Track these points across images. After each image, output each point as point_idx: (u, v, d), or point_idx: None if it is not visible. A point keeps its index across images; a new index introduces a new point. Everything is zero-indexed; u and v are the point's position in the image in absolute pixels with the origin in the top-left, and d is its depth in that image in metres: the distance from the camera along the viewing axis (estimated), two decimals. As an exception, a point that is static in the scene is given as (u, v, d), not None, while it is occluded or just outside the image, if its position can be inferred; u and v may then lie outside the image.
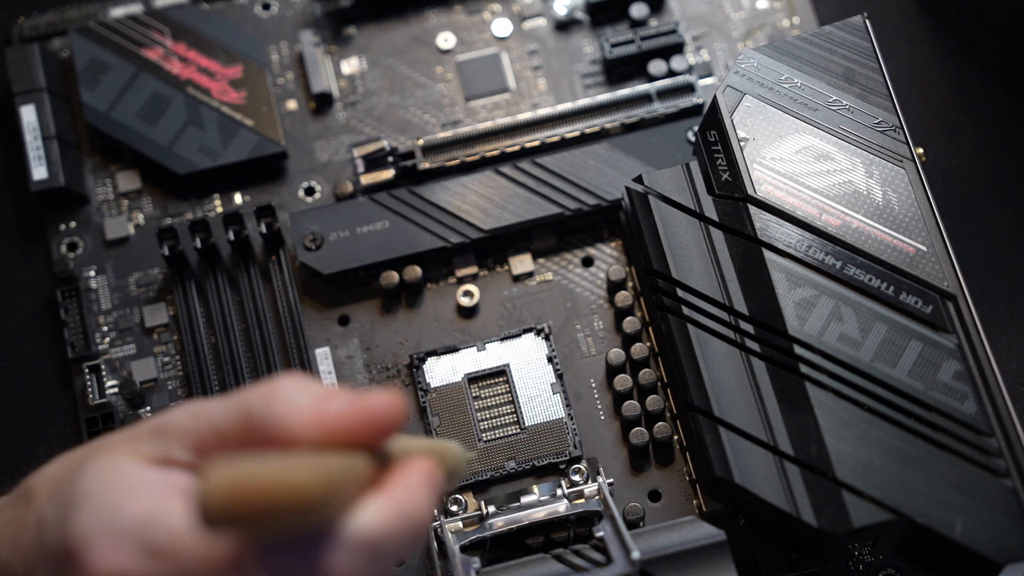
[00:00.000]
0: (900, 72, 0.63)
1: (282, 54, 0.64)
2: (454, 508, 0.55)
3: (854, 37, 0.56)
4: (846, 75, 0.55)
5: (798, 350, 0.52)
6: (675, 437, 0.56)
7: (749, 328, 0.53)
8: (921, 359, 0.51)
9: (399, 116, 0.63)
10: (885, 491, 0.49)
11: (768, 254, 0.53)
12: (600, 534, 0.50)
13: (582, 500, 0.54)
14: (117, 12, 0.65)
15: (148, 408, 0.58)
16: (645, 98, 0.61)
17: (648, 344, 0.58)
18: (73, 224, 0.62)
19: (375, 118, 0.63)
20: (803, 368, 0.51)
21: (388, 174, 0.60)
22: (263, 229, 0.59)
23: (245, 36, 0.64)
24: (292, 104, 0.63)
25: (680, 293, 0.54)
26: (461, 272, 0.60)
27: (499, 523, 0.54)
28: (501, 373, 0.58)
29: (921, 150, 0.56)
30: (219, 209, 0.62)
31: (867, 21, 0.56)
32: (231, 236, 0.59)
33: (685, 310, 0.53)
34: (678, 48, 0.63)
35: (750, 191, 0.54)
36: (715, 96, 0.55)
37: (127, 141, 0.62)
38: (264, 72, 0.63)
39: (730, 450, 0.51)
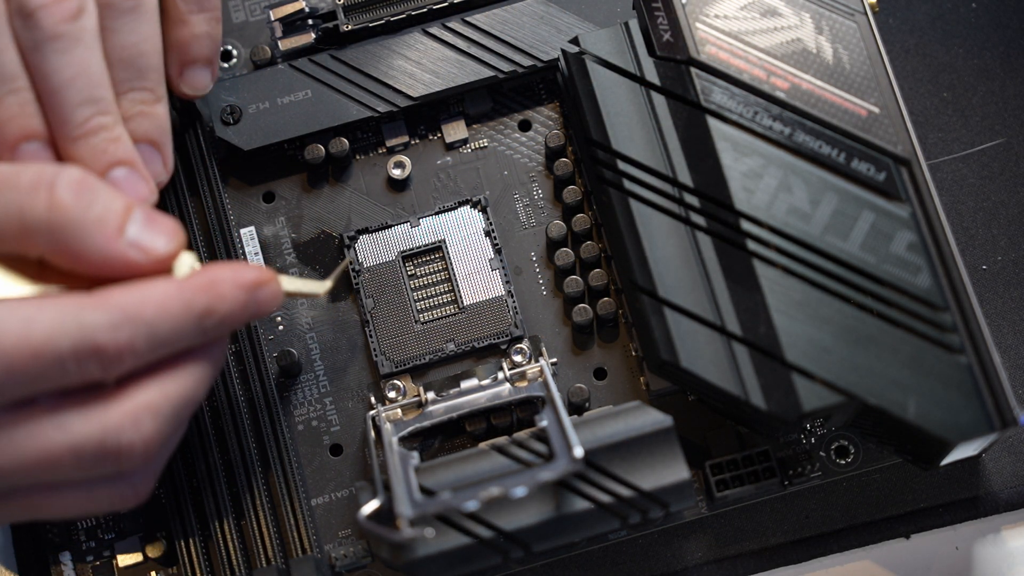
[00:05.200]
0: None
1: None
2: (392, 394, 0.53)
3: None
4: (795, -79, 0.51)
5: (745, 225, 0.49)
6: (620, 311, 0.54)
7: (694, 201, 0.50)
8: (873, 230, 0.49)
9: (318, -29, 0.59)
10: (836, 372, 0.47)
11: (713, 122, 0.50)
12: (543, 424, 0.49)
13: (525, 383, 0.52)
14: None
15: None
16: (581, -54, 0.57)
17: (590, 214, 0.55)
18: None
19: (292, -26, 0.58)
20: (750, 244, 0.49)
21: (308, 38, 0.56)
22: (175, 103, 0.55)
23: None
24: (201, -39, 0.59)
25: (620, 165, 0.51)
26: (391, 142, 0.57)
27: (439, 411, 0.52)
28: (437, 249, 0.55)
29: (874, 0, 0.52)
30: (130, 79, 0.58)
31: None
32: (142, 112, 0.55)
33: (626, 183, 0.51)
34: None
35: (693, 53, 0.51)
36: (654, -51, 0.51)
37: None
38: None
39: (676, 331, 0.49)
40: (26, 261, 0.43)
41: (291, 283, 0.49)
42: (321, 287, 0.50)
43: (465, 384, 0.53)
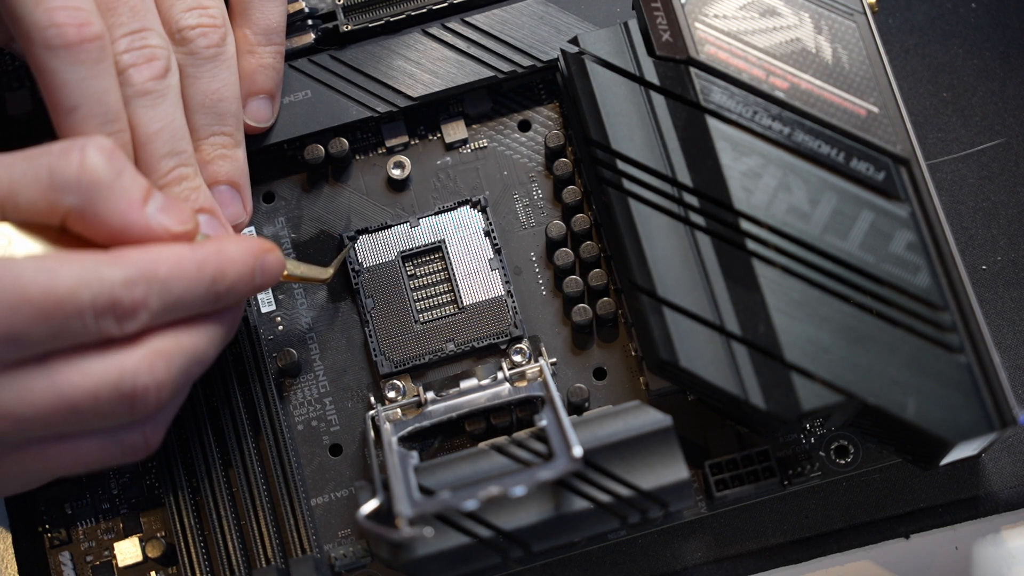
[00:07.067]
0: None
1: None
2: (391, 394, 0.53)
3: None
4: (794, -79, 0.51)
5: (745, 224, 0.49)
6: (619, 311, 0.54)
7: (693, 201, 0.50)
8: (873, 230, 0.49)
9: (317, -28, 0.59)
10: (836, 371, 0.47)
11: (712, 121, 0.50)
12: (543, 423, 0.49)
13: (524, 383, 0.52)
14: None
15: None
16: (580, -54, 0.57)
17: (590, 214, 0.55)
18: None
19: (292, -25, 0.59)
20: (750, 244, 0.49)
21: (308, 39, 0.56)
22: (176, 104, 0.55)
23: None
24: (201, -38, 0.59)
25: (620, 165, 0.51)
26: (391, 142, 0.57)
27: (438, 410, 0.52)
28: (437, 250, 0.55)
29: (874, 0, 0.52)
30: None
31: None
32: (143, 113, 0.55)
33: (626, 183, 0.51)
34: None
35: (692, 53, 0.51)
36: (654, -51, 0.51)
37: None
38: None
39: (675, 331, 0.49)
40: (47, 229, 0.44)
41: (295, 267, 0.51)
42: (324, 273, 0.52)
43: (465, 384, 0.53)
